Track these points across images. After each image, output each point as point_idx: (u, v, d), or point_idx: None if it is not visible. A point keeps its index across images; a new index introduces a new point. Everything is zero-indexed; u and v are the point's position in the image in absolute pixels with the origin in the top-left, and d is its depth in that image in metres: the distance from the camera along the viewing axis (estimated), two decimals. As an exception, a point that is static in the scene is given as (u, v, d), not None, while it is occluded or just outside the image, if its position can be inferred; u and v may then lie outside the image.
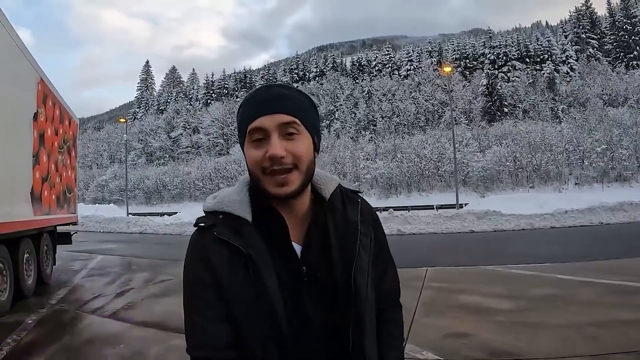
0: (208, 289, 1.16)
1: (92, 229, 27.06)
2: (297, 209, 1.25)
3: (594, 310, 6.04)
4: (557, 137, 58.45)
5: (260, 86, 1.29)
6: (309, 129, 1.22)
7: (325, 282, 1.21)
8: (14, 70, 7.12)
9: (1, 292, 6.61)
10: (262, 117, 1.17)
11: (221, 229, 1.19)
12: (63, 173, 10.21)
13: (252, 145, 1.19)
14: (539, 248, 13.40)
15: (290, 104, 1.20)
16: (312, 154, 1.24)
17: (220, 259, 1.16)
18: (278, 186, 1.16)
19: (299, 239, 1.24)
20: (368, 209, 1.37)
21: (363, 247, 1.26)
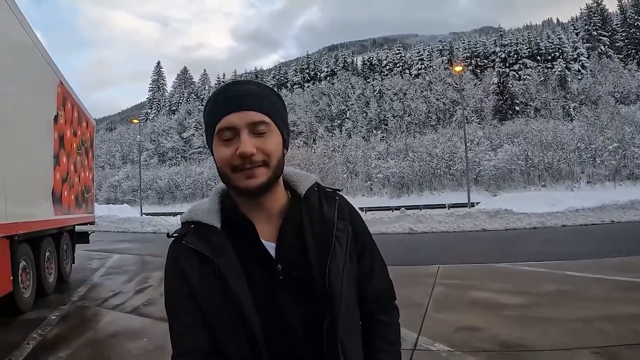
0: (185, 298, 1.17)
1: (107, 229, 27.20)
2: (269, 207, 1.25)
3: (603, 306, 6.12)
4: (569, 135, 58.27)
5: (227, 82, 1.28)
6: (278, 125, 1.22)
7: (302, 280, 1.20)
8: (35, 74, 7.37)
9: (25, 289, 6.82)
10: (231, 114, 1.16)
11: (190, 238, 1.20)
12: (81, 173, 10.46)
13: (221, 144, 1.17)
14: (550, 246, 13.41)
15: (259, 101, 1.19)
16: (282, 150, 1.24)
17: (192, 268, 1.17)
18: (247, 179, 1.15)
19: (273, 237, 1.23)
20: (346, 205, 1.35)
21: (339, 243, 1.24)
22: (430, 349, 4.73)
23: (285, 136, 1.26)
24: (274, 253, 1.20)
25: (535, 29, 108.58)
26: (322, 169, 67.36)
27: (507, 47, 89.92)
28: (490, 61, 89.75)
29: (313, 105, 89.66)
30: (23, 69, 6.73)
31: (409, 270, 10.07)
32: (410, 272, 9.82)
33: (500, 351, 4.64)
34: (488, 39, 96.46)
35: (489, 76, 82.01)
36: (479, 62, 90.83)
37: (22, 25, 6.58)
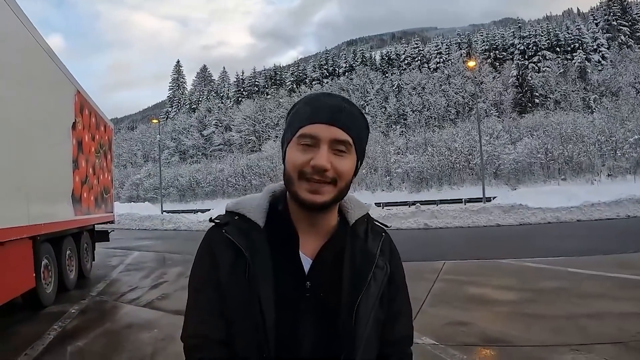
0: (210, 283, 1.18)
1: (128, 227, 27.87)
2: (319, 224, 1.23)
3: (595, 303, 6.34)
4: (589, 127, 57.87)
5: (324, 92, 1.28)
6: (357, 151, 1.20)
7: (327, 304, 1.18)
8: (54, 86, 7.83)
9: (47, 285, 7.29)
10: (318, 124, 1.15)
11: (231, 228, 1.20)
12: (100, 175, 10.94)
13: (297, 148, 1.16)
14: (560, 242, 13.54)
15: (349, 122, 1.18)
16: (352, 175, 1.21)
17: (224, 258, 1.18)
18: (310, 193, 1.14)
19: (312, 254, 1.21)
20: (390, 244, 1.33)
21: (375, 280, 1.22)
22: (416, 342, 5.00)
23: (359, 163, 1.24)
24: (307, 269, 1.19)
25: (555, 20, 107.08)
26: (342, 164, 67.66)
27: (526, 39, 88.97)
28: (509, 53, 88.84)
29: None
30: (41, 81, 7.19)
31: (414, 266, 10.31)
32: (415, 268, 10.07)
33: (482, 345, 4.91)
34: (507, 31, 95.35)
35: (508, 69, 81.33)
36: (497, 55, 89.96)
37: (39, 42, 7.03)
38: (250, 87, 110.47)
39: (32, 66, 6.74)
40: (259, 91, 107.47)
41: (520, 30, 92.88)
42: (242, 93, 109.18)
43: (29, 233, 6.24)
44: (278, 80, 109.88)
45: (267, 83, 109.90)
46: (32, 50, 6.72)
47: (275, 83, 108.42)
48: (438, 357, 4.58)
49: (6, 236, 5.39)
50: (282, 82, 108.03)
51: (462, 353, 4.62)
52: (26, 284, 6.32)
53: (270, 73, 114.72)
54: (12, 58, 5.92)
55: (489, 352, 4.78)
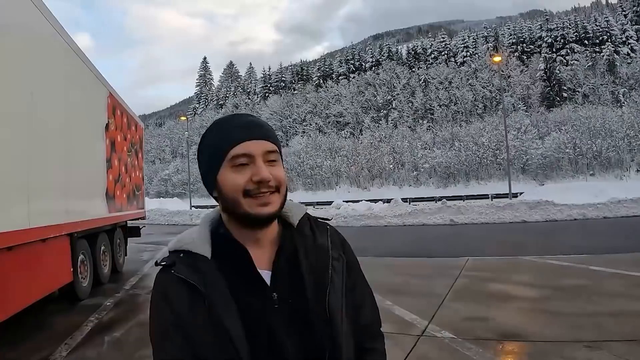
0: (173, 329, 1.15)
1: (158, 222, 28.25)
2: (264, 237, 1.24)
3: (613, 301, 6.37)
4: (618, 122, 56.98)
5: (231, 114, 1.32)
6: (281, 157, 1.25)
7: (298, 308, 1.19)
8: (87, 89, 8.20)
9: (83, 279, 7.66)
10: (248, 142, 1.18)
11: (179, 267, 1.17)
12: (132, 173, 11.34)
13: (232, 170, 1.17)
14: (584, 239, 13.50)
15: (271, 133, 1.23)
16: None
17: (180, 298, 1.14)
18: (260, 206, 1.16)
19: (267, 265, 1.22)
20: (337, 235, 1.37)
21: (335, 272, 1.26)
22: (435, 335, 5.21)
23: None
24: (268, 281, 1.20)
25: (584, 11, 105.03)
26: (369, 160, 67.67)
27: (553, 32, 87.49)
28: (537, 46, 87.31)
29: (359, 95, 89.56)
30: (76, 85, 7.53)
31: (438, 262, 10.58)
32: (439, 264, 10.32)
33: (498, 340, 5.05)
34: (534, 24, 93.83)
35: (536, 62, 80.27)
36: (525, 48, 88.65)
37: (74, 51, 7.40)
38: (276, 83, 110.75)
39: (67, 71, 7.08)
40: (285, 87, 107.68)
41: (547, 22, 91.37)
42: (269, 89, 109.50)
43: (67, 230, 6.61)
44: (304, 75, 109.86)
45: (294, 78, 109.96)
46: (66, 55, 7.06)
47: (302, 78, 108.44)
48: (455, 350, 4.76)
49: (47, 233, 5.74)
50: (308, 77, 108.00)
51: (479, 347, 4.77)
52: (64, 278, 6.69)
53: (297, 68, 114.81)
54: (49, 64, 6.27)
55: (504, 346, 4.93)
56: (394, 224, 22.23)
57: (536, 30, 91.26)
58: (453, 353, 4.71)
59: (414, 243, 14.94)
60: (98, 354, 5.08)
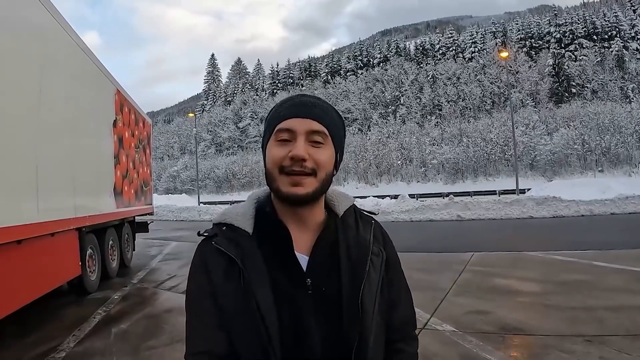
0: (207, 296, 1.17)
1: (166, 218, 28.44)
2: (307, 221, 1.24)
3: (614, 296, 6.37)
4: (627, 118, 56.63)
5: (299, 93, 1.31)
6: (335, 142, 1.23)
7: (331, 298, 1.18)
8: (95, 86, 8.30)
9: (91, 273, 7.78)
10: (293, 119, 1.18)
11: (220, 239, 1.20)
12: (140, 169, 11.45)
13: (275, 144, 1.19)
14: (590, 235, 13.47)
15: (322, 113, 1.21)
16: (332, 167, 1.23)
17: (217, 269, 1.17)
18: (292, 185, 1.16)
19: (307, 250, 1.22)
20: (381, 230, 1.36)
21: (374, 267, 1.24)
22: (437, 328, 5.27)
23: (338, 156, 1.26)
24: (305, 266, 1.19)
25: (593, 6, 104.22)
26: (377, 156, 67.66)
27: (562, 27, 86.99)
28: (545, 42, 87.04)
29: (367, 92, 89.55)
30: (83, 82, 7.64)
31: (444, 257, 10.61)
32: (444, 259, 10.36)
33: (498, 333, 5.08)
34: (542, 19, 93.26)
35: (544, 58, 79.92)
36: (533, 44, 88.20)
37: (81, 48, 7.48)
38: (284, 79, 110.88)
39: (74, 68, 7.18)
40: (293, 83, 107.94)
41: (556, 18, 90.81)
42: (277, 85, 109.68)
43: (75, 225, 6.72)
44: (313, 72, 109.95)
45: (302, 75, 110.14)
46: (73, 52, 7.15)
47: (310, 75, 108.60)
48: (456, 342, 4.82)
49: (56, 228, 5.85)
50: (316, 73, 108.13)
51: (479, 340, 4.82)
52: (73, 271, 6.81)
53: (305, 65, 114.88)
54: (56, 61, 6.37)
55: (504, 339, 4.96)
56: (401, 220, 22.25)
57: (544, 26, 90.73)
58: (454, 346, 4.76)
59: (420, 238, 14.96)
60: (105, 344, 5.17)
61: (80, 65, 7.45)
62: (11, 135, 4.80)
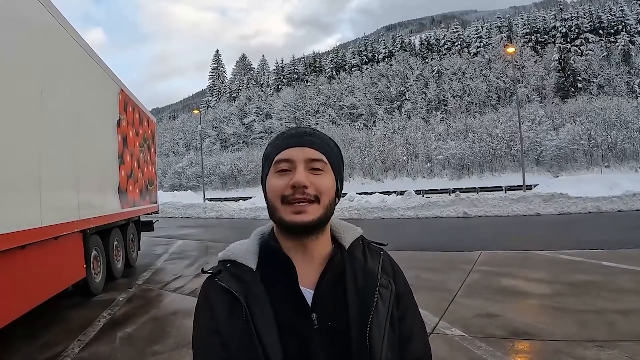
0: (211, 334, 1.17)
1: (171, 215, 28.48)
2: (313, 253, 1.23)
3: (625, 298, 6.30)
4: (633, 113, 56.35)
5: (290, 127, 1.33)
6: (334, 170, 1.23)
7: (338, 332, 1.16)
8: (99, 87, 8.27)
9: (96, 274, 7.75)
10: (291, 148, 1.19)
11: (223, 276, 1.21)
12: (144, 168, 11.42)
13: (275, 176, 1.19)
14: (598, 233, 13.44)
15: (319, 142, 1.23)
16: (334, 195, 1.23)
17: (221, 306, 1.17)
18: (295, 214, 1.15)
19: (312, 284, 1.20)
20: (390, 261, 1.33)
21: (382, 300, 1.22)
22: (445, 332, 5.20)
23: (338, 184, 1.25)
24: (310, 300, 1.18)
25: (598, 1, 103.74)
26: (382, 151, 67.61)
27: (567, 22, 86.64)
28: (551, 37, 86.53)
29: (372, 87, 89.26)
30: (88, 83, 7.61)
31: (451, 256, 10.56)
32: (451, 258, 10.31)
33: (508, 338, 5.00)
34: (548, 14, 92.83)
35: (550, 52, 79.47)
36: (539, 38, 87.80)
37: (83, 48, 7.43)
38: (289, 75, 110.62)
39: (76, 69, 7.13)
40: (298, 79, 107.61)
41: (562, 12, 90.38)
42: (282, 81, 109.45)
43: (79, 227, 6.67)
44: (317, 67, 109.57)
45: (307, 70, 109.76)
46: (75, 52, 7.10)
47: (315, 70, 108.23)
48: (465, 348, 4.76)
49: (60, 231, 5.80)
50: (321, 69, 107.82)
51: (489, 345, 4.76)
52: (77, 274, 6.77)
53: (310, 60, 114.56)
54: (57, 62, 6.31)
55: (514, 345, 4.90)
56: (407, 217, 22.22)
57: (550, 20, 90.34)
58: (463, 351, 4.70)
59: (426, 236, 14.93)
60: (110, 349, 5.13)
61: (83, 66, 7.39)
62: (13, 137, 4.75)
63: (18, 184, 4.77)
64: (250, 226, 8.40)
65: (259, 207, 28.54)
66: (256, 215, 26.32)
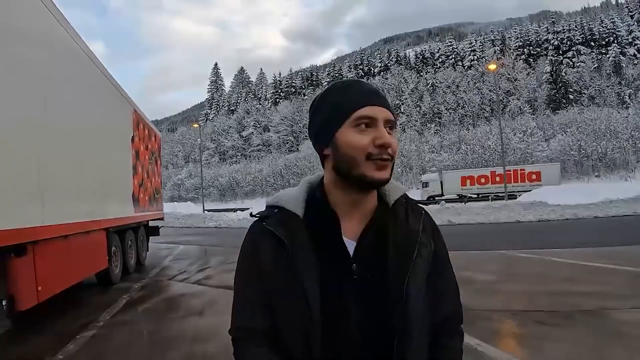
0: (255, 275, 1.20)
1: (172, 225, 29.47)
2: (360, 207, 1.24)
3: (558, 284, 7.32)
4: (623, 123, 57.43)
5: (354, 79, 1.32)
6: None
7: (375, 285, 1.16)
8: (119, 109, 9.82)
9: (115, 267, 9.12)
10: (374, 106, 1.17)
11: (270, 221, 1.22)
12: (152, 179, 12.85)
13: (355, 131, 1.17)
14: (564, 236, 14.52)
15: (389, 103, 1.22)
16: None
17: (267, 249, 1.19)
18: (378, 170, 1.15)
19: (354, 236, 1.21)
20: (431, 221, 1.33)
21: (421, 257, 1.21)
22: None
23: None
24: (352, 252, 1.19)
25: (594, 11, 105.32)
26: (377, 163, 68.44)
27: (560, 34, 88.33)
28: (543, 49, 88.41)
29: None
30: (111, 108, 9.21)
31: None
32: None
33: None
34: (541, 27, 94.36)
35: (542, 65, 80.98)
36: (531, 51, 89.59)
37: (110, 81, 9.05)
38: (287, 89, 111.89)
39: (106, 98, 8.79)
40: (295, 92, 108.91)
41: (554, 25, 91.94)
42: (280, 94, 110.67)
43: (105, 225, 8.14)
44: (314, 81, 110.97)
45: (304, 84, 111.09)
46: (104, 85, 8.67)
47: (312, 84, 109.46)
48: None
49: (90, 227, 7.22)
50: (318, 82, 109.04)
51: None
52: (102, 264, 8.18)
53: (307, 74, 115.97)
54: (94, 94, 7.91)
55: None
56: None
57: (543, 33, 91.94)
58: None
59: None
60: (134, 317, 6.56)
61: (109, 94, 8.97)
62: (73, 160, 6.28)
63: (64, 189, 6.19)
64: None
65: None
66: (253, 225, 27.26)
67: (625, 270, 8.09)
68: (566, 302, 6.16)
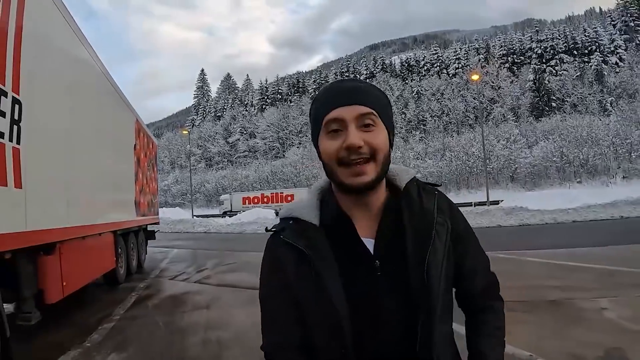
0: (280, 291, 1.21)
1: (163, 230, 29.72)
2: (370, 204, 1.23)
3: (530, 280, 7.87)
4: (604, 130, 58.33)
5: (334, 81, 1.28)
6: (385, 122, 1.20)
7: (399, 277, 1.17)
8: (125, 120, 10.43)
9: (120, 267, 9.66)
10: (340, 108, 1.15)
11: (288, 233, 1.22)
12: (150, 184, 13.46)
13: (327, 137, 1.17)
14: (541, 238, 15.00)
15: (367, 96, 1.18)
16: (389, 148, 1.21)
17: (288, 262, 1.19)
18: (353, 176, 1.14)
19: (371, 233, 1.22)
20: (445, 200, 1.30)
21: (439, 237, 1.21)
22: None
23: (390, 134, 1.23)
24: (372, 249, 1.19)
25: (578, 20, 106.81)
26: (362, 171, 68.92)
27: (543, 43, 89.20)
28: (527, 57, 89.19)
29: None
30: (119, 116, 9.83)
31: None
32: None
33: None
34: (525, 35, 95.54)
35: (526, 73, 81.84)
36: (515, 59, 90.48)
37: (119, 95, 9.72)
38: (273, 95, 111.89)
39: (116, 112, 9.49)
40: (282, 99, 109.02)
41: (537, 34, 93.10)
42: (266, 101, 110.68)
43: (113, 228, 8.74)
44: (301, 87, 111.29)
45: (290, 90, 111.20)
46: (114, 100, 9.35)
47: (298, 90, 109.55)
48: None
49: (103, 229, 7.83)
50: (304, 89, 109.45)
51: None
52: (111, 264, 8.76)
53: (293, 80, 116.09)
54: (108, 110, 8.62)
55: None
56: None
57: (526, 42, 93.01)
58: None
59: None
60: (147, 311, 7.18)
61: (118, 104, 9.64)
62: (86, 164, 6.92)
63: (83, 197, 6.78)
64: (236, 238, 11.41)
65: (244, 222, 30.46)
66: (242, 230, 27.97)
67: (594, 268, 8.62)
68: (536, 294, 6.73)
